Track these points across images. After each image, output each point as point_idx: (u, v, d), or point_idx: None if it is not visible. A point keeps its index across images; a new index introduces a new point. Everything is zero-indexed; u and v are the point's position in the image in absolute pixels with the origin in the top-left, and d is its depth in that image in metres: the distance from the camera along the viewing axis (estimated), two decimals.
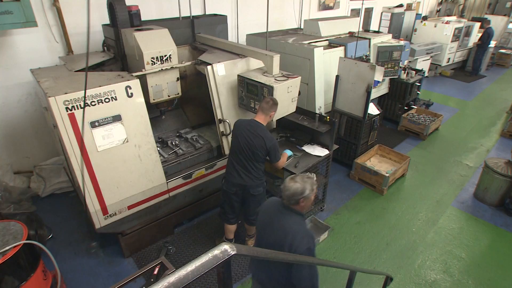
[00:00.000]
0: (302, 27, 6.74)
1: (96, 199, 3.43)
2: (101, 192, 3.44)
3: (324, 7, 9.11)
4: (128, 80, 3.39)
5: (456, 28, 10.59)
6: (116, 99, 3.30)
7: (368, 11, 11.17)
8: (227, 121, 4.18)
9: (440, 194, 5.44)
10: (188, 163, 4.32)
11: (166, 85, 4.03)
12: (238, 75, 4.06)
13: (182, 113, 5.08)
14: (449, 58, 11.19)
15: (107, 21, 4.25)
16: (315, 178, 2.47)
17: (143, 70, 3.70)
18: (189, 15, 5.09)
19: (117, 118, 3.35)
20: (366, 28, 9.15)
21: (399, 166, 5.52)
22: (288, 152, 3.93)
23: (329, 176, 4.61)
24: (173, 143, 4.48)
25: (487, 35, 10.86)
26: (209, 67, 4.01)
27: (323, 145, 4.36)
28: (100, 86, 3.19)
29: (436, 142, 7.07)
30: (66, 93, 3.00)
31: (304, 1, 8.42)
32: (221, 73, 4.10)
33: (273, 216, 2.50)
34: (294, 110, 4.10)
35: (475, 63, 11.53)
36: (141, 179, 3.74)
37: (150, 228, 4.13)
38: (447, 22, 10.68)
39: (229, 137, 4.27)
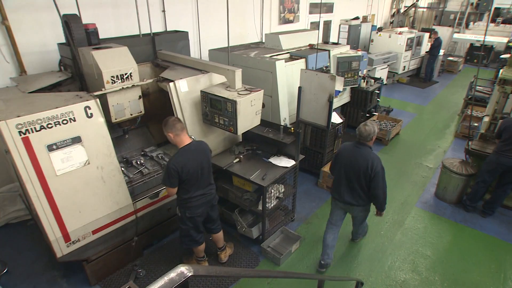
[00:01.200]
0: (263, 40, 6.87)
1: (57, 226, 3.25)
2: (62, 218, 3.27)
3: (285, 21, 9.37)
4: (87, 100, 3.28)
5: (408, 38, 11.25)
6: (74, 120, 3.18)
7: (327, 24, 11.63)
8: (193, 137, 4.13)
9: (404, 196, 5.66)
10: (154, 182, 4.21)
11: (128, 104, 3.93)
12: (201, 91, 4.06)
13: (146, 131, 4.98)
14: (404, 66, 11.82)
15: (63, 40, 4.12)
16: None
17: (103, 89, 3.59)
18: (149, 32, 5.05)
19: (76, 140, 3.23)
20: (325, 40, 9.50)
21: None
22: None
23: (297, 186, 4.67)
24: (138, 162, 4.37)
25: (437, 43, 11.63)
26: (171, 84, 3.99)
27: (290, 156, 4.42)
28: (57, 107, 3.06)
29: (398, 146, 7.39)
30: (18, 116, 2.86)
31: (264, 16, 8.63)
32: (184, 90, 4.09)
33: (354, 152, 3.72)
34: (258, 123, 4.14)
35: (427, 70, 12.27)
36: (106, 201, 3.60)
37: (117, 252, 3.97)
38: (400, 33, 11.33)
39: None
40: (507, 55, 5.76)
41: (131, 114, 4.01)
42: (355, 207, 3.91)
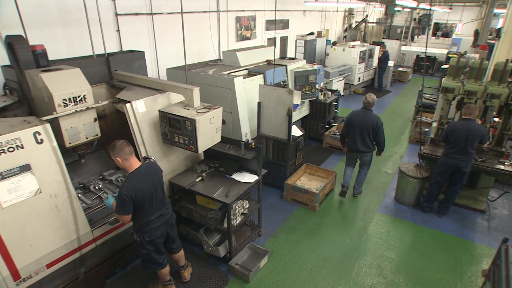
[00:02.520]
0: (221, 58, 6.95)
1: (4, 264, 3.01)
2: (10, 254, 3.03)
3: (242, 38, 9.54)
4: (36, 126, 3.13)
5: (361, 51, 11.85)
6: (22, 147, 3.01)
7: (284, 40, 11.98)
8: (152, 158, 4.03)
9: (366, 203, 5.85)
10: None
11: (83, 127, 3.79)
12: (159, 111, 4.00)
13: (104, 154, 4.82)
14: (359, 78, 12.40)
15: (7, 62, 3.91)
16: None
17: (55, 113, 3.44)
18: (104, 52, 4.94)
19: (25, 168, 3.04)
20: (283, 56, 9.75)
21: (327, 181, 5.83)
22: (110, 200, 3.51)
23: (261, 200, 4.68)
24: (97, 187, 4.20)
25: (384, 56, 12.36)
26: (128, 104, 3.90)
27: (252, 171, 4.43)
28: (1, 134, 2.88)
29: None
30: None
31: (222, 33, 8.74)
32: (142, 110, 4.01)
33: (363, 115, 5.43)
34: (219, 140, 4.14)
35: (379, 80, 12.96)
36: (61, 231, 3.40)
37: (76, 285, 3.74)
38: (353, 46, 11.91)
39: None
40: (447, 66, 6.21)
41: (87, 138, 3.87)
42: (365, 153, 5.63)
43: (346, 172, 5.95)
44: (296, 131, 5.81)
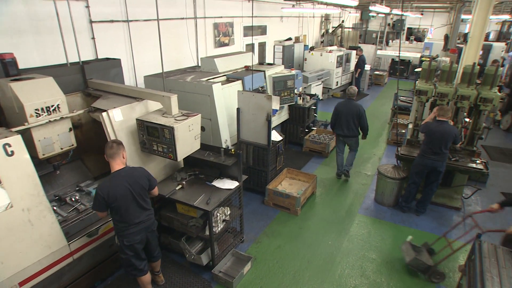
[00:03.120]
0: (200, 64, 6.93)
1: None
2: None
3: (220, 44, 9.56)
4: (6, 137, 3.01)
5: (338, 56, 12.08)
6: None
7: (262, 45, 12.08)
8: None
9: (347, 205, 5.92)
10: (92, 218, 3.95)
11: (57, 137, 3.70)
12: (137, 119, 3.94)
13: (81, 164, 4.69)
14: (337, 82, 12.62)
15: None
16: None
17: (26, 123, 3.34)
18: (78, 60, 4.83)
19: None
20: (261, 61, 9.83)
21: (308, 185, 5.88)
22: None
23: (243, 206, 4.66)
24: (73, 199, 4.07)
25: (361, 61, 12.64)
26: (104, 113, 3.83)
27: (233, 177, 4.42)
28: None
29: None
30: None
31: (200, 40, 8.73)
32: (118, 119, 3.94)
33: (348, 104, 6.18)
34: (198, 147, 4.11)
35: (357, 84, 13.23)
36: (35, 247, 3.28)
37: None
38: (330, 51, 12.14)
39: None
40: (420, 69, 6.42)
41: (62, 148, 3.78)
42: (351, 138, 6.41)
43: (337, 161, 6.82)
44: (275, 136, 5.84)
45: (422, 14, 20.35)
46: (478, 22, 5.54)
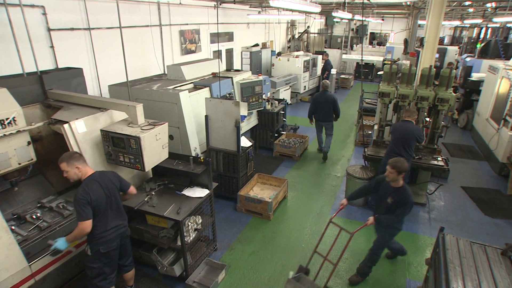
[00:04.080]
0: (166, 72, 6.83)
1: None
2: None
3: (187, 51, 9.49)
4: None
5: (305, 61, 12.32)
6: None
7: (230, 52, 12.10)
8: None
9: (319, 207, 6.01)
10: (56, 235, 3.74)
11: (14, 152, 3.50)
12: (101, 130, 3.82)
13: (43, 179, 4.46)
14: (305, 86, 12.86)
15: None
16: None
17: None
18: (36, 70, 4.63)
19: None
20: (229, 68, 9.83)
21: (279, 189, 5.92)
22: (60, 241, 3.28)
23: (215, 214, 4.62)
24: (34, 217, 3.86)
25: (327, 65, 12.98)
26: (65, 125, 3.68)
27: (203, 186, 4.37)
28: None
29: (308, 161, 7.89)
30: None
31: (166, 47, 8.62)
32: (82, 130, 3.80)
33: (324, 96, 7.57)
34: (167, 156, 4.04)
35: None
36: None
37: None
38: (297, 56, 12.36)
39: None
40: (382, 72, 6.68)
41: (19, 163, 3.58)
42: (328, 122, 7.79)
43: (318, 138, 8.31)
44: (245, 142, 5.85)
45: (383, 20, 21.20)
46: (432, 27, 5.86)
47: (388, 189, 3.99)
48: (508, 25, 15.34)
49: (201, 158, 4.34)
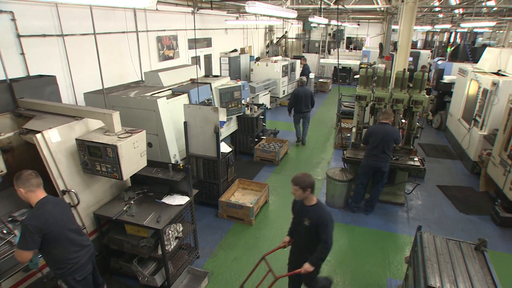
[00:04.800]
0: (144, 79, 6.74)
1: None
2: None
3: (164, 57, 9.40)
4: None
5: (283, 65, 12.44)
6: None
7: (208, 57, 12.07)
8: (73, 190, 3.74)
9: None
10: None
11: None
12: (77, 139, 3.72)
13: (14, 192, 4.28)
14: (284, 90, 12.96)
15: None
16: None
17: None
18: (5, 78, 4.47)
19: None
20: (208, 73, 9.82)
21: (260, 194, 5.92)
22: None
23: (196, 221, 4.57)
24: (4, 232, 3.69)
25: (305, 69, 13.16)
26: (38, 135, 3.56)
27: (183, 193, 4.32)
28: None
29: (288, 165, 7.93)
30: None
31: (143, 54, 8.52)
32: (56, 140, 3.69)
33: (303, 90, 8.74)
34: (145, 164, 3.97)
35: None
36: None
37: None
38: (276, 61, 12.47)
39: (78, 208, 3.83)
40: (358, 76, 6.83)
41: None
42: (307, 112, 8.80)
43: (296, 129, 9.13)
44: (225, 148, 5.83)
45: (358, 25, 21.70)
46: (404, 32, 6.05)
47: (302, 209, 3.44)
48: (475, 30, 16.03)
49: (181, 165, 4.30)
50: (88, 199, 3.98)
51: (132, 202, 4.16)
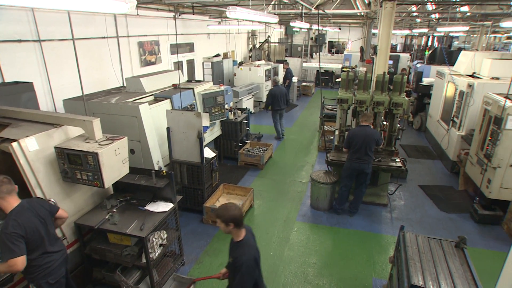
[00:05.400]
0: (125, 85, 6.65)
1: None
2: None
3: (146, 63, 9.31)
4: None
5: (266, 70, 12.51)
6: None
7: (191, 62, 12.02)
8: (52, 200, 3.63)
9: (285, 214, 6.07)
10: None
11: None
12: (55, 147, 3.64)
13: None
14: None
15: None
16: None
17: None
18: None
19: None
20: (190, 79, 9.78)
21: (245, 199, 5.91)
22: None
23: (180, 228, 4.52)
24: None
25: (288, 73, 13.26)
26: (14, 144, 3.45)
27: (167, 199, 4.28)
28: None
29: (272, 168, 7.96)
30: None
31: (125, 59, 8.41)
32: (33, 148, 3.59)
33: (279, 89, 9.84)
34: (127, 171, 3.90)
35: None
36: None
37: None
38: (258, 66, 12.52)
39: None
40: (340, 79, 6.94)
41: None
42: (283, 109, 9.75)
43: (276, 126, 9.89)
44: (209, 153, 5.80)
45: (340, 29, 22.09)
46: (383, 36, 6.20)
47: (231, 245, 3.06)
48: (451, 34, 16.55)
49: (164, 171, 4.25)
50: (69, 208, 3.88)
51: (114, 210, 4.08)
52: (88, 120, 3.70)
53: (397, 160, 6.06)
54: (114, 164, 3.68)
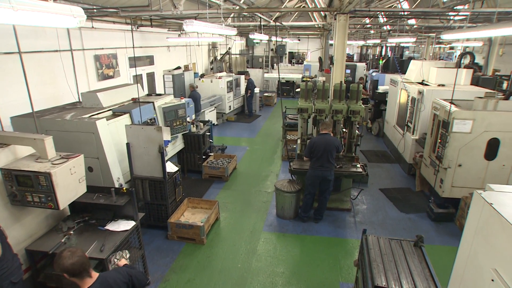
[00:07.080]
0: (81, 100, 6.38)
1: None
2: None
3: (104, 77, 9.01)
4: None
5: (228, 81, 12.58)
6: None
7: (151, 75, 11.80)
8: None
9: (251, 225, 6.05)
10: None
11: None
12: (1, 169, 3.39)
13: None
14: (230, 106, 13.06)
15: None
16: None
17: None
18: None
19: None
20: (151, 92, 9.58)
21: (210, 212, 5.82)
22: None
23: (143, 246, 4.36)
24: None
25: (250, 84, 13.42)
26: None
27: (128, 217, 4.12)
28: None
29: (237, 180, 7.93)
30: None
31: (80, 73, 8.09)
32: None
33: (194, 93, 10.88)
34: (85, 190, 3.72)
35: (248, 107, 13.93)
36: None
37: None
38: (220, 77, 12.55)
39: None
40: (299, 89, 7.12)
41: None
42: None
43: None
44: (171, 167, 5.68)
45: (299, 40, 22.74)
46: (339, 47, 6.46)
47: None
48: (402, 44, 17.61)
49: (124, 188, 4.10)
50: (18, 234, 3.63)
51: (71, 232, 3.86)
52: (39, 138, 3.51)
53: (358, 165, 6.26)
54: (70, 183, 3.50)
